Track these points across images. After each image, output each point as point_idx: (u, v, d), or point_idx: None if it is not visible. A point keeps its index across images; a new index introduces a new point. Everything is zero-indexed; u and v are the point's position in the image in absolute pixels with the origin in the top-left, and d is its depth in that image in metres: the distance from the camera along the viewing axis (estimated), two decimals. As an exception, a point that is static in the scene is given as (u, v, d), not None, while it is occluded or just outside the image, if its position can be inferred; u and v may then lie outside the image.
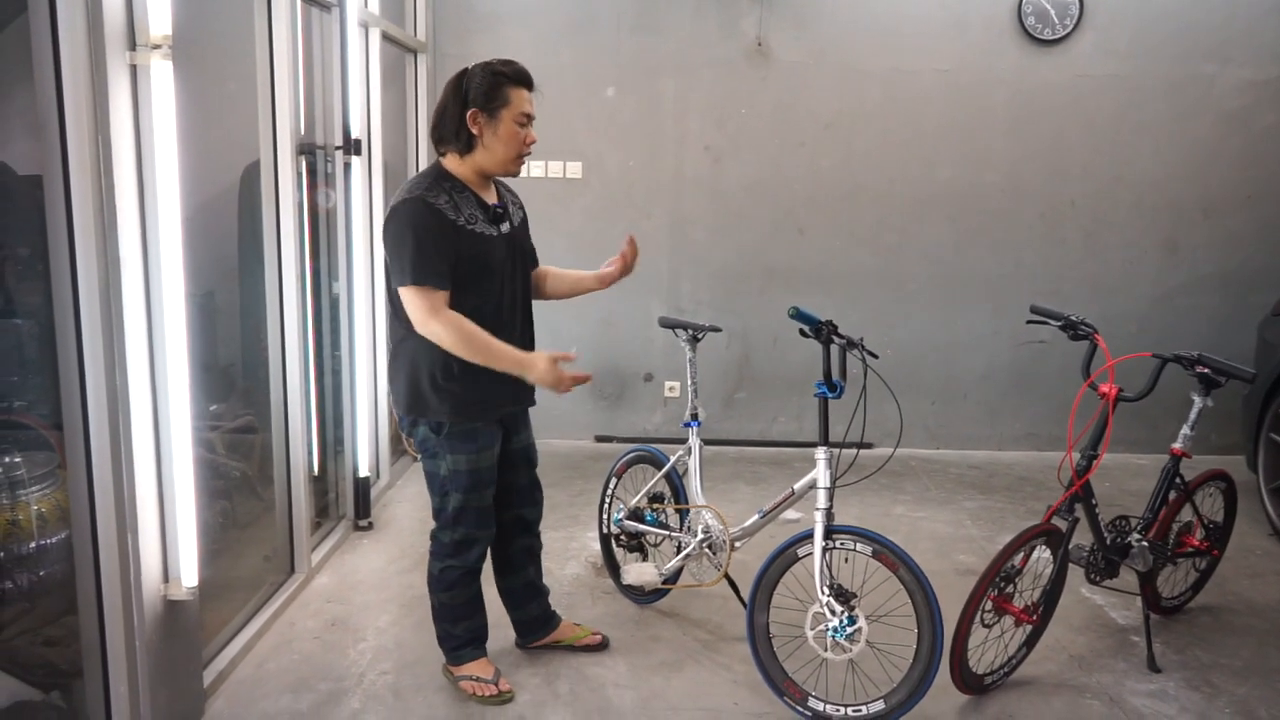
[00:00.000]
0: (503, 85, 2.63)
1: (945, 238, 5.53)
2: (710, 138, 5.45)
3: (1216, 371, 3.12)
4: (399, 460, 5.11)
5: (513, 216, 2.82)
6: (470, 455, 2.75)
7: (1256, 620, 3.54)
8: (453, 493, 2.79)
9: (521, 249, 2.84)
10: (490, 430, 2.78)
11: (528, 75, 2.68)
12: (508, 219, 2.78)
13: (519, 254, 2.82)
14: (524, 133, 2.67)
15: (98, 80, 2.25)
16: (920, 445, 5.66)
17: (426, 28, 5.26)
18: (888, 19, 5.34)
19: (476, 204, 2.69)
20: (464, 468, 2.76)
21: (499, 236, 2.72)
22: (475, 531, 2.85)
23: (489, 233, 2.68)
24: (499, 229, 2.72)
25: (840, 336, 2.82)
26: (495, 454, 2.82)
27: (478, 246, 2.64)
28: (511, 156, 2.68)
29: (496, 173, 2.74)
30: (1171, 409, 3.61)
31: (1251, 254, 5.53)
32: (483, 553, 2.90)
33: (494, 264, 2.69)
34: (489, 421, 2.77)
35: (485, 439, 2.76)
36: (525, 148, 2.69)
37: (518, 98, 2.64)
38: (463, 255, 2.61)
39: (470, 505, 2.81)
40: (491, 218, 2.71)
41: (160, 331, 2.50)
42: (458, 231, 2.60)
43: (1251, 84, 5.37)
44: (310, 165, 3.88)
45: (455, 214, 2.61)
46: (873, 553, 2.75)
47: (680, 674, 3.09)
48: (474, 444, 2.74)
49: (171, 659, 2.64)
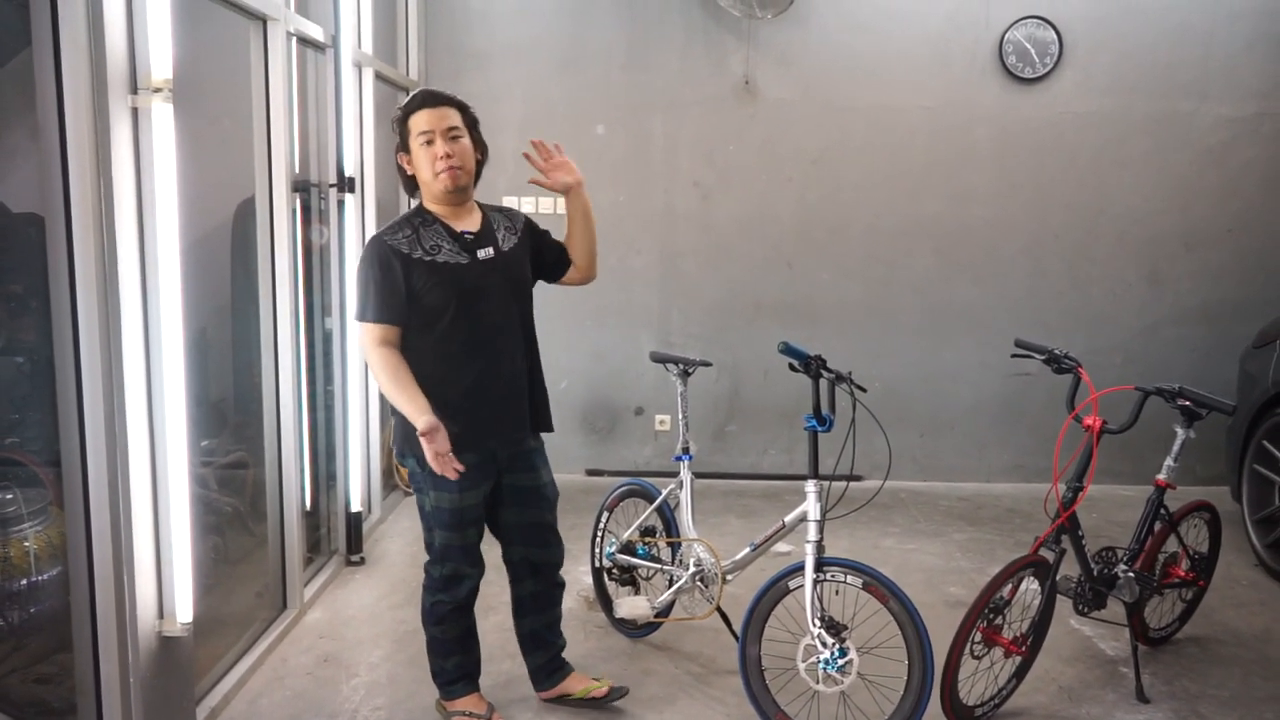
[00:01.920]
0: (405, 120, 2.71)
1: (931, 271, 5.60)
2: (699, 174, 5.53)
3: (1197, 404, 3.17)
4: (390, 495, 5.12)
5: (500, 241, 2.80)
6: (451, 494, 2.73)
7: (1243, 650, 3.57)
8: (436, 529, 2.80)
9: (511, 273, 2.80)
10: (477, 470, 2.72)
11: (422, 95, 2.72)
12: (490, 244, 2.76)
13: (508, 281, 2.79)
14: (430, 150, 2.66)
15: (100, 122, 2.29)
16: (909, 478, 5.69)
17: (419, 67, 5.33)
18: (872, 57, 5.44)
19: (445, 234, 2.71)
20: (445, 505, 2.75)
21: (472, 263, 2.71)
22: (463, 568, 2.83)
23: (455, 260, 2.69)
24: (474, 255, 2.72)
25: (829, 370, 2.86)
26: (480, 494, 2.78)
27: (439, 275, 2.66)
28: (431, 177, 2.68)
29: (443, 198, 2.72)
30: (1156, 441, 3.65)
31: (1233, 286, 5.61)
32: (473, 589, 2.88)
33: (465, 289, 2.68)
34: (474, 460, 2.70)
35: (468, 479, 2.67)
36: (437, 163, 2.65)
37: (414, 122, 2.68)
38: (423, 285, 2.65)
39: (454, 543, 2.79)
40: (462, 245, 2.72)
41: (158, 368, 2.52)
42: (411, 265, 2.64)
43: (1229, 120, 5.48)
44: (304, 202, 3.92)
45: (411, 248, 2.66)
46: (863, 585, 2.78)
47: (673, 707, 3.10)
48: (455, 483, 2.65)
49: (165, 695, 2.64)
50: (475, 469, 2.72)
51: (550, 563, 3.00)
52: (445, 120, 2.68)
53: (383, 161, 4.84)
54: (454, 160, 2.67)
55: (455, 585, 2.84)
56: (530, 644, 3.05)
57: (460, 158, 2.68)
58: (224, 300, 3.67)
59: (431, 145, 2.66)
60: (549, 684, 3.07)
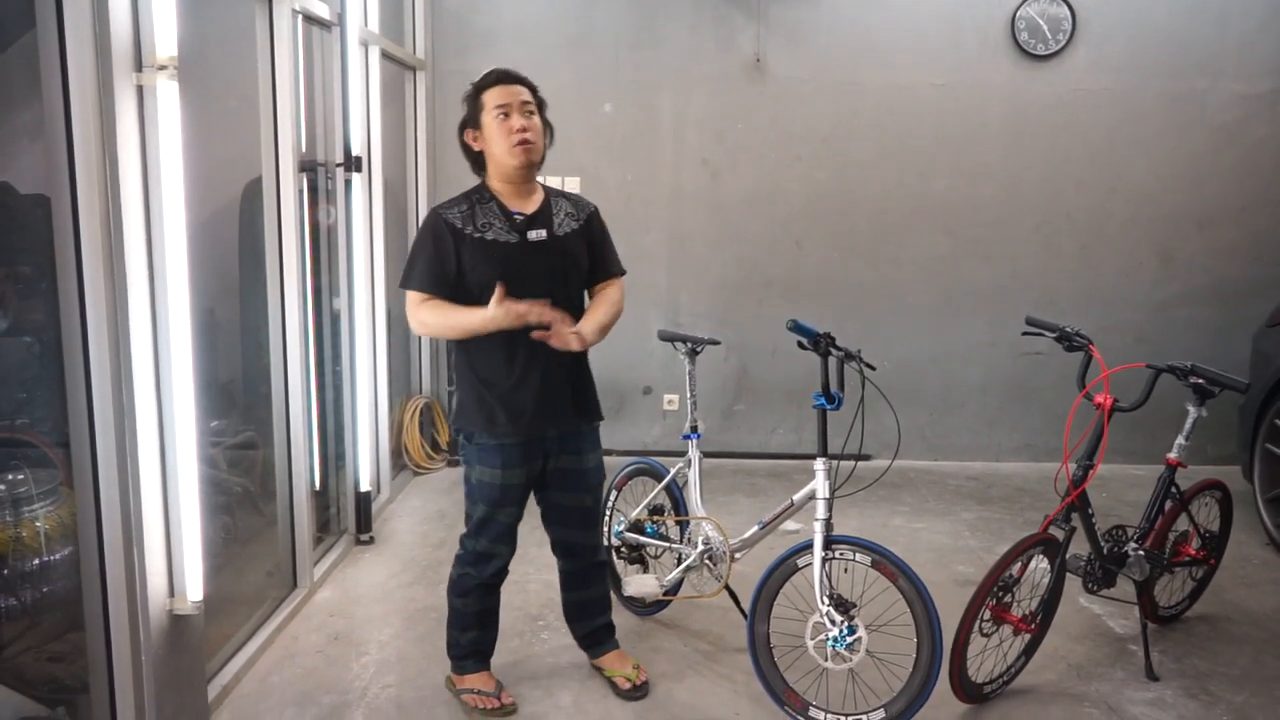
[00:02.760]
0: (477, 95, 2.74)
1: (942, 250, 5.57)
2: (708, 152, 5.50)
3: (1210, 382, 3.15)
4: (400, 474, 5.13)
5: (556, 226, 2.80)
6: (493, 470, 2.78)
7: (1253, 629, 3.56)
8: (478, 503, 2.84)
9: (562, 257, 2.79)
10: (520, 450, 2.77)
11: (497, 73, 2.74)
12: (545, 227, 2.77)
13: (557, 265, 2.78)
14: (507, 123, 2.68)
15: (105, 101, 2.28)
16: (918, 456, 5.68)
17: (425, 45, 5.31)
18: (883, 34, 5.39)
19: (498, 213, 2.73)
20: (486, 480, 2.80)
21: (521, 243, 2.72)
22: (494, 546, 2.87)
23: (503, 239, 2.71)
24: (524, 236, 2.73)
25: (838, 348, 2.84)
26: (522, 474, 2.80)
27: (486, 252, 2.68)
28: (505, 150, 2.69)
29: (511, 172, 2.74)
30: (1168, 420, 3.63)
31: (1246, 265, 5.57)
32: (501, 568, 2.90)
33: (514, 271, 2.69)
34: (520, 441, 2.76)
35: (511, 458, 2.76)
36: (514, 135, 2.67)
37: (489, 97, 2.71)
38: (470, 262, 2.68)
39: (492, 519, 2.83)
40: (512, 225, 2.73)
41: (166, 348, 2.52)
42: (461, 240, 2.68)
43: (1244, 98, 5.42)
44: (311, 182, 3.91)
45: (464, 223, 2.70)
46: (872, 563, 2.78)
47: (682, 685, 3.11)
48: (498, 460, 2.75)
49: (176, 674, 2.65)
50: (518, 450, 2.77)
51: (586, 544, 3.03)
52: (519, 96, 2.71)
53: (389, 141, 4.83)
54: (529, 134, 2.69)
55: (485, 561, 2.88)
56: (570, 615, 3.15)
57: (534, 133, 2.71)
58: (232, 281, 3.67)
59: (508, 119, 2.68)
60: (591, 653, 3.16)
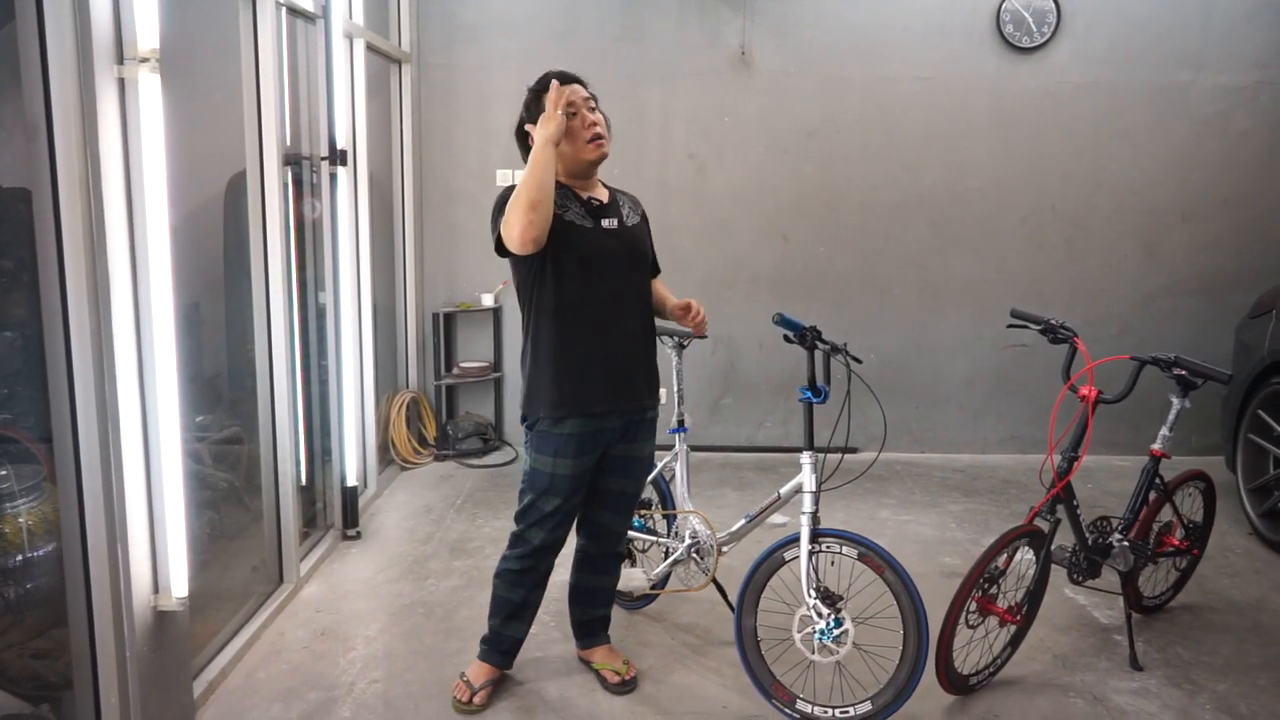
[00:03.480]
0: (537, 98, 2.74)
1: (928, 243, 5.58)
2: (694, 146, 5.49)
3: (1193, 373, 3.17)
4: (386, 469, 5.12)
5: (624, 217, 2.85)
6: (546, 457, 2.78)
7: (1236, 618, 3.59)
8: (527, 490, 2.86)
9: (633, 248, 2.85)
10: (575, 441, 2.76)
11: (555, 74, 2.75)
12: (615, 216, 2.81)
13: (630, 252, 2.83)
14: (578, 120, 2.71)
15: (86, 94, 2.26)
16: (905, 449, 5.70)
17: (411, 38, 5.29)
18: (869, 27, 5.39)
19: (573, 197, 2.76)
20: (540, 468, 2.81)
21: (597, 229, 2.75)
22: (530, 531, 2.86)
23: (583, 224, 2.73)
24: (599, 223, 2.76)
25: (824, 342, 2.85)
26: (575, 466, 2.79)
27: (571, 235, 2.70)
28: (580, 145, 2.72)
29: (584, 169, 2.77)
30: (1152, 411, 3.66)
31: (1229, 257, 5.60)
32: (529, 554, 2.88)
33: (591, 254, 2.71)
34: (578, 430, 2.76)
35: (568, 447, 2.76)
36: (587, 130, 2.72)
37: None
38: (557, 239, 2.66)
39: (536, 505, 2.84)
40: (589, 211, 2.76)
41: (149, 343, 2.50)
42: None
43: (1227, 90, 5.45)
44: (296, 176, 3.89)
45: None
46: (858, 555, 2.78)
47: (669, 678, 3.12)
48: (552, 447, 2.76)
49: (161, 670, 2.64)
50: (574, 440, 2.77)
51: (615, 530, 3.05)
52: (580, 93, 2.75)
53: (375, 134, 4.81)
54: (600, 128, 2.74)
55: (522, 545, 2.89)
56: (574, 597, 3.15)
57: (603, 127, 2.76)
58: (217, 275, 3.65)
59: (577, 116, 2.72)
60: (582, 644, 3.17)
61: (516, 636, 3.03)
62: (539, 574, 2.95)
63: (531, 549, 2.88)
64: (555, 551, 2.93)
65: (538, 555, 2.90)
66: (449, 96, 5.48)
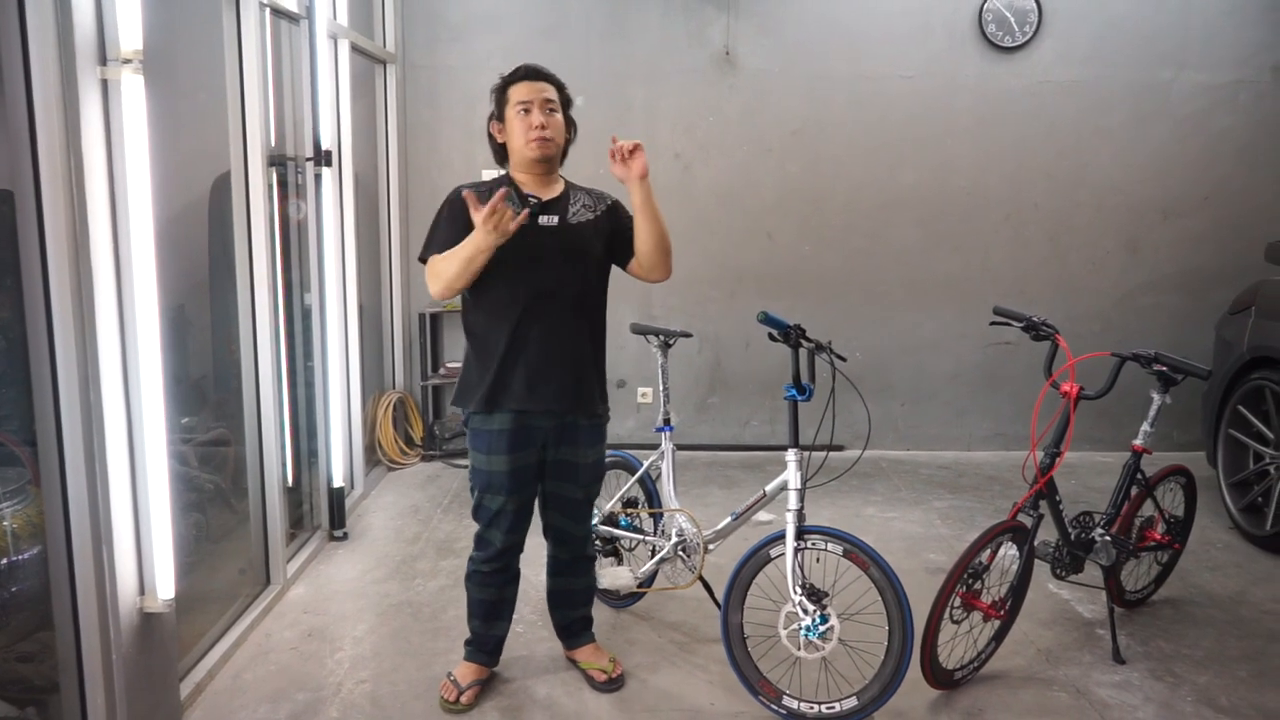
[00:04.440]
0: (503, 89, 2.82)
1: (912, 241, 5.61)
2: (679, 145, 5.51)
3: (1173, 369, 3.20)
4: (373, 470, 5.12)
5: (570, 214, 2.82)
6: (481, 454, 2.82)
7: (1217, 611, 3.63)
8: (474, 487, 2.89)
9: (573, 245, 2.80)
10: (507, 437, 2.78)
11: (525, 69, 2.82)
12: (558, 214, 2.80)
13: (567, 250, 2.79)
14: (527, 119, 2.74)
15: (69, 95, 2.26)
16: (890, 446, 5.73)
17: (395, 38, 5.28)
18: (852, 27, 5.42)
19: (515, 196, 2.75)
20: (478, 465, 2.85)
21: (530, 225, 2.70)
22: (487, 531, 2.90)
23: None
24: (535, 220, 2.74)
25: (808, 340, 2.87)
26: (510, 461, 2.80)
27: None
28: (522, 143, 2.75)
29: (530, 166, 2.80)
30: (1135, 407, 3.69)
31: (1210, 254, 5.65)
32: (497, 554, 2.90)
33: (520, 252, 2.68)
34: (508, 426, 2.77)
35: (498, 443, 2.78)
36: (531, 130, 2.74)
37: (514, 92, 2.79)
38: None
39: (483, 504, 2.87)
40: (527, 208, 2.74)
41: (134, 345, 2.50)
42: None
43: (1207, 88, 5.50)
44: (281, 177, 3.88)
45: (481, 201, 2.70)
46: (843, 552, 2.80)
47: (656, 676, 3.13)
48: (485, 443, 2.80)
49: (148, 672, 2.64)
50: (505, 435, 2.79)
51: (574, 535, 3.04)
52: (543, 93, 2.78)
53: (360, 135, 4.80)
54: (546, 131, 2.76)
55: (483, 547, 2.93)
56: (552, 602, 3.17)
57: (552, 130, 2.78)
58: (202, 276, 3.64)
59: (528, 114, 2.76)
60: (567, 644, 3.19)
61: (498, 634, 3.05)
62: (509, 573, 2.98)
63: (495, 551, 2.91)
64: (518, 551, 2.96)
65: (501, 557, 2.92)
66: (434, 97, 5.48)
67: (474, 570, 2.96)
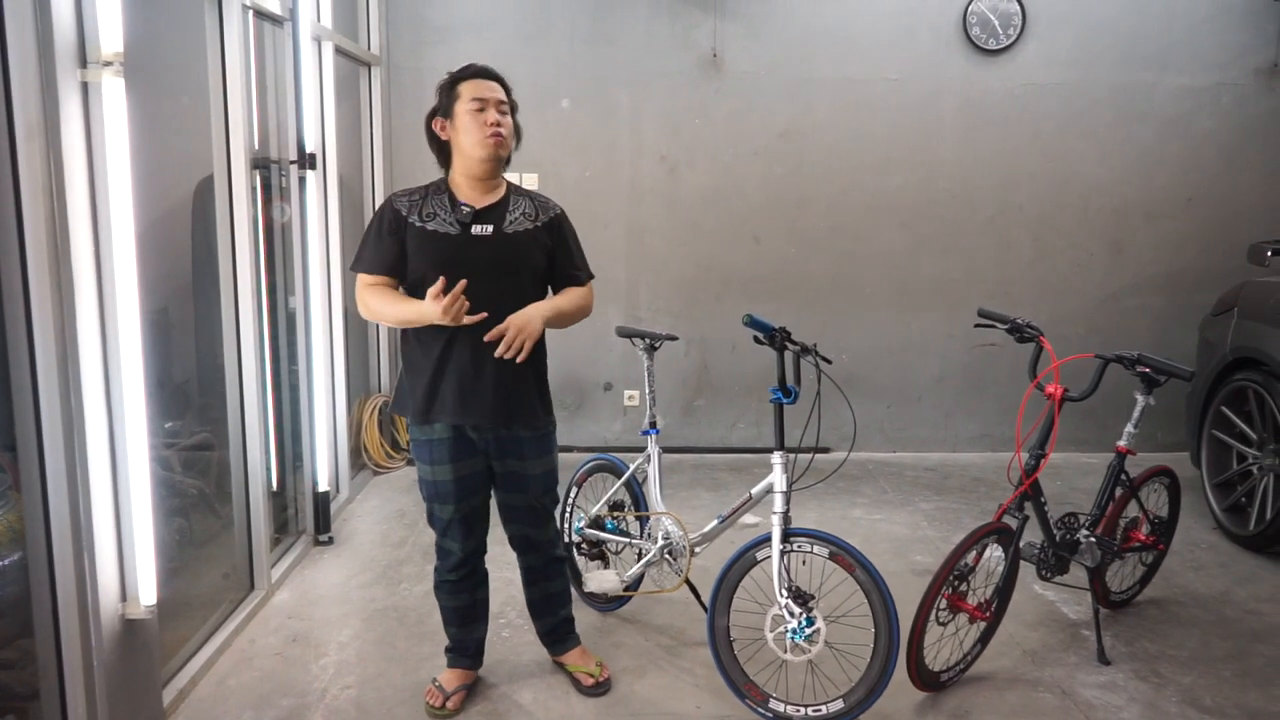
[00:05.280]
0: (454, 85, 2.75)
1: (898, 243, 5.63)
2: (665, 148, 5.51)
3: (1156, 370, 3.22)
4: (359, 474, 5.09)
5: (507, 223, 2.74)
6: (425, 464, 2.83)
7: (1201, 611, 3.64)
8: (424, 496, 2.89)
9: (506, 256, 2.73)
10: (448, 446, 2.77)
11: (476, 68, 2.76)
12: (493, 223, 2.73)
13: (500, 260, 2.72)
14: (482, 116, 2.68)
15: (48, 99, 2.24)
16: (877, 449, 5.74)
17: (380, 41, 5.26)
18: (838, 30, 5.43)
19: (446, 204, 2.73)
20: (424, 476, 2.86)
21: (462, 235, 2.69)
22: (444, 540, 2.90)
23: (444, 230, 2.69)
24: (467, 229, 2.70)
25: (794, 342, 2.87)
26: (454, 470, 2.79)
27: (425, 241, 2.68)
28: (476, 140, 2.68)
29: (477, 166, 2.72)
30: (1119, 409, 3.71)
31: (1193, 255, 5.69)
32: (459, 563, 2.90)
33: (449, 262, 2.65)
34: (446, 437, 2.76)
35: (439, 453, 2.78)
36: (487, 127, 2.67)
37: (467, 89, 2.71)
38: (412, 249, 2.70)
39: (435, 513, 2.88)
40: (458, 217, 2.71)
41: (115, 349, 2.48)
42: (405, 227, 2.71)
43: (1190, 90, 5.54)
44: (264, 180, 3.86)
45: (410, 211, 2.72)
46: (829, 555, 2.80)
47: (643, 679, 3.12)
48: (427, 454, 2.81)
49: (130, 678, 2.62)
50: (445, 445, 2.78)
51: (538, 539, 3.02)
52: (497, 94, 2.74)
53: (344, 137, 4.79)
54: (502, 130, 2.71)
55: (443, 556, 2.93)
56: (533, 611, 3.15)
57: (507, 131, 2.74)
58: (185, 280, 3.62)
59: (483, 113, 2.70)
60: (553, 650, 3.17)
61: (478, 637, 3.04)
62: (476, 577, 2.98)
63: (456, 559, 2.90)
64: (480, 553, 2.96)
65: (465, 563, 2.92)
66: (419, 99, 5.45)
67: (441, 580, 2.95)
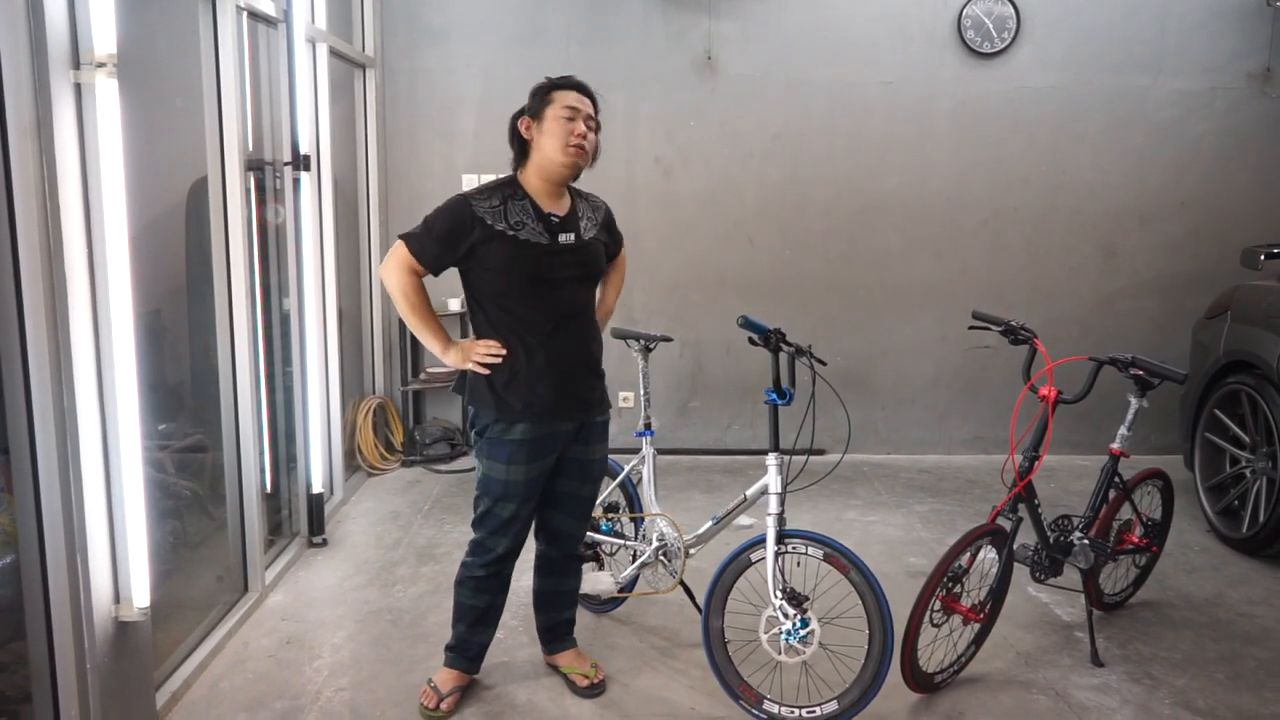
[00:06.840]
0: (548, 90, 2.76)
1: (892, 245, 5.64)
2: (660, 150, 5.51)
3: (1150, 373, 3.22)
4: (353, 476, 5.09)
5: (583, 229, 2.82)
6: (499, 464, 2.78)
7: (1194, 613, 3.65)
8: (483, 497, 2.85)
9: (587, 261, 2.82)
10: (529, 446, 2.76)
11: (574, 80, 2.79)
12: (573, 231, 2.78)
13: (583, 267, 2.81)
14: (570, 125, 2.70)
15: (41, 100, 2.24)
16: (871, 450, 5.75)
17: (374, 42, 5.26)
18: (832, 32, 5.44)
19: (531, 212, 2.73)
20: (494, 475, 2.80)
21: (552, 245, 2.72)
22: (488, 538, 2.87)
23: (538, 240, 2.70)
24: (556, 239, 2.73)
25: (788, 344, 2.87)
26: (527, 471, 2.79)
27: (519, 251, 2.68)
28: (559, 146, 2.69)
29: (555, 171, 2.74)
30: (1112, 411, 3.71)
31: (1186, 259, 5.70)
32: (490, 561, 2.88)
33: (544, 272, 2.70)
34: (529, 436, 2.75)
35: (519, 453, 2.75)
36: (573, 137, 2.69)
37: (561, 97, 2.73)
38: (499, 259, 2.68)
39: (493, 512, 2.84)
40: (547, 227, 2.73)
41: (109, 351, 2.48)
42: (492, 236, 2.67)
43: (1183, 94, 5.55)
44: (259, 181, 3.85)
45: (495, 219, 2.68)
46: (824, 556, 2.81)
47: (638, 680, 3.12)
48: (505, 454, 2.76)
49: (123, 681, 2.61)
50: (526, 446, 2.76)
51: (572, 534, 3.04)
52: (588, 108, 2.77)
53: (339, 139, 4.78)
54: (586, 143, 2.73)
55: (481, 553, 2.90)
56: (539, 603, 3.15)
57: (590, 145, 2.77)
58: (179, 282, 3.61)
59: (573, 122, 2.71)
60: (548, 649, 3.17)
61: (483, 641, 3.03)
62: (502, 580, 2.96)
63: (495, 556, 2.88)
64: (516, 556, 2.94)
65: (501, 562, 2.90)
66: (413, 101, 5.46)
67: (468, 576, 2.93)
